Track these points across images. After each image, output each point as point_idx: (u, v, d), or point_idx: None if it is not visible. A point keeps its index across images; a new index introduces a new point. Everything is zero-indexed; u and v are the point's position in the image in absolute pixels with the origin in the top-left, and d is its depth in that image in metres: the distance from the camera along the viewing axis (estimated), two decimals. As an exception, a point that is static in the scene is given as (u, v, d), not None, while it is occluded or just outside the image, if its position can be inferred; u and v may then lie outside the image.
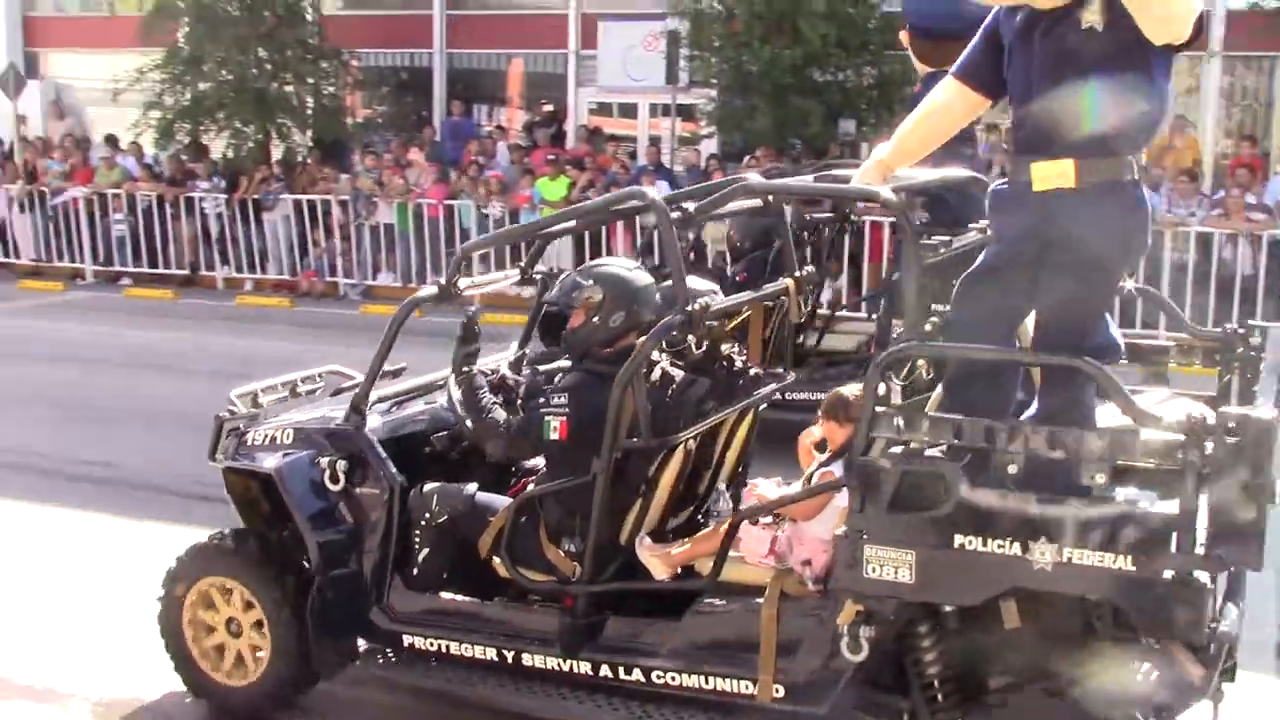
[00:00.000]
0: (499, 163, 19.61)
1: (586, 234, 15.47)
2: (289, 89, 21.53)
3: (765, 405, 5.98)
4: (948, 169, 6.10)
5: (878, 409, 4.41)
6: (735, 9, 18.36)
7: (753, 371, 5.83)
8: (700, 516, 5.91)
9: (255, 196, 19.41)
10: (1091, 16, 4.17)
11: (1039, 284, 4.48)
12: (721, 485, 5.96)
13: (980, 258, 4.72)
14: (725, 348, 5.83)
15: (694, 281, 5.64)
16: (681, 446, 5.37)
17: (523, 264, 6.50)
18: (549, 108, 22.36)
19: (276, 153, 21.51)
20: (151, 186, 20.05)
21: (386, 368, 6.46)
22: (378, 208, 18.66)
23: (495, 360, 6.41)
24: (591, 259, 6.94)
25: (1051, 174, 4.33)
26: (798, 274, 6.02)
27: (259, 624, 5.92)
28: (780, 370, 6.09)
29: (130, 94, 21.18)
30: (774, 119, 17.94)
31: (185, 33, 21.16)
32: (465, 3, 23.66)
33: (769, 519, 5.11)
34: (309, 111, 21.90)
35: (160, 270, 19.82)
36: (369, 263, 18.74)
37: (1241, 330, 5.53)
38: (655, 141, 20.95)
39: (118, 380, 13.34)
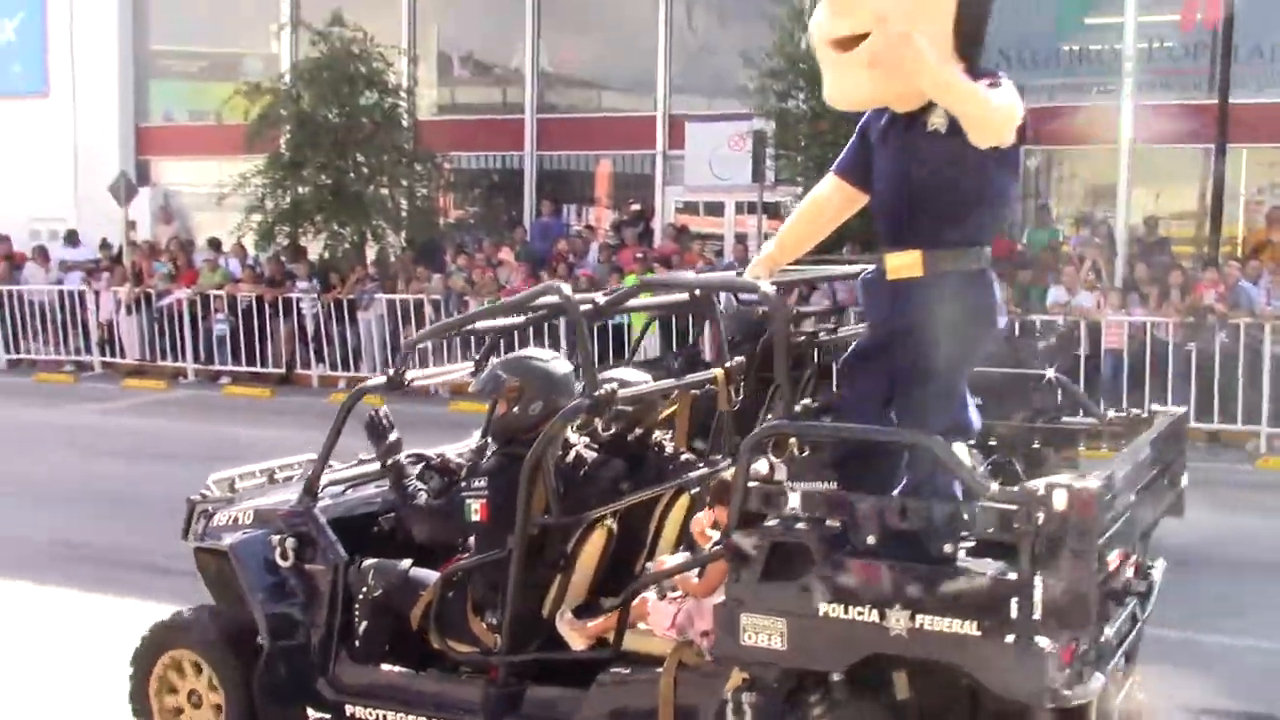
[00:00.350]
0: (589, 261, 19.93)
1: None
2: (384, 192, 22.15)
3: None
4: (836, 265, 6.51)
5: (750, 485, 4.60)
6: (820, 108, 18.52)
7: (683, 457, 6.07)
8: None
9: (350, 296, 19.94)
10: (936, 120, 4.45)
11: (898, 366, 4.68)
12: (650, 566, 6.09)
13: (855, 342, 4.99)
14: (658, 434, 6.14)
15: (628, 372, 6.09)
16: (602, 526, 5.64)
17: (478, 357, 6.81)
18: (636, 207, 22.75)
19: (371, 253, 22.10)
20: (251, 287, 20.70)
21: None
22: (469, 307, 19.01)
23: (453, 447, 6.70)
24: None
25: (902, 264, 4.60)
26: (728, 364, 6.20)
27: (218, 707, 6.18)
28: (717, 457, 6.23)
29: (233, 198, 21.89)
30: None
31: (287, 139, 21.95)
32: (555, 106, 24.19)
33: (678, 594, 5.27)
34: (403, 213, 22.51)
35: (258, 369, 20.39)
36: (459, 361, 19.03)
37: (1144, 415, 5.69)
38: (741, 239, 21.14)
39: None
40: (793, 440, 4.73)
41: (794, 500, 4.52)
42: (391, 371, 6.31)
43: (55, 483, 13.41)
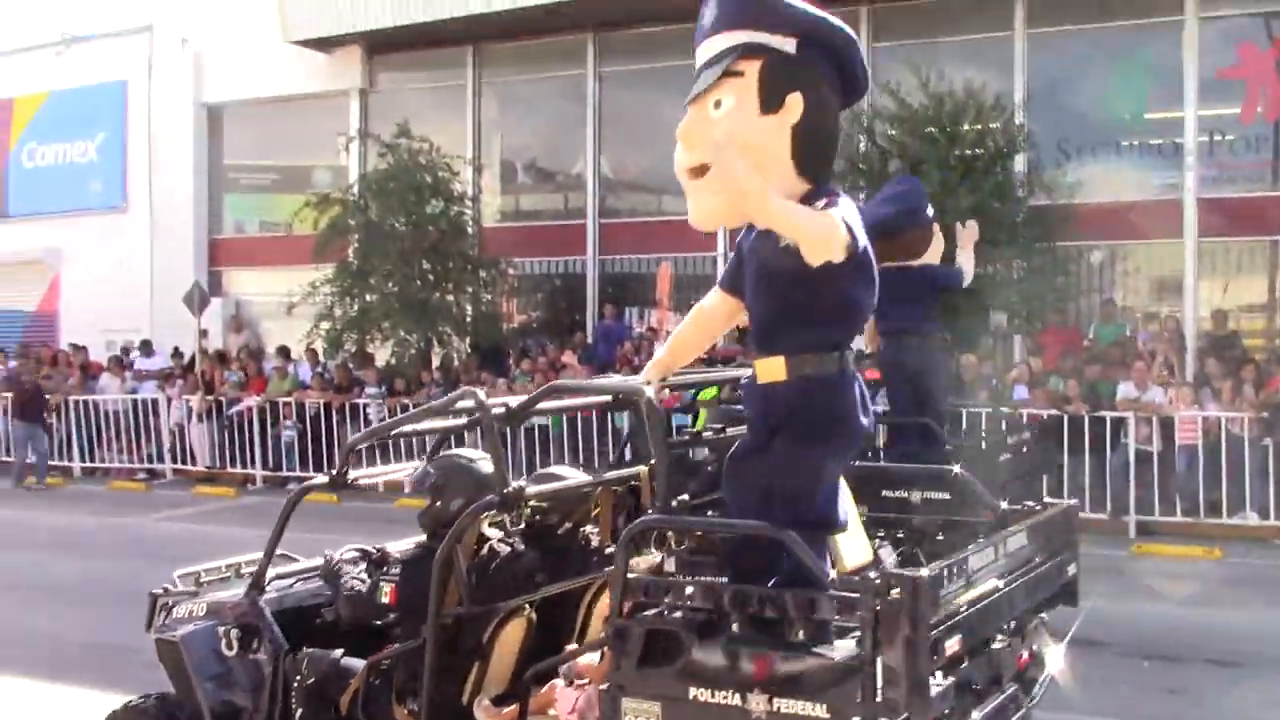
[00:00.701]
0: (653, 362, 19.94)
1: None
2: (450, 298, 22.49)
3: None
4: (731, 370, 6.85)
5: (628, 576, 4.76)
6: (878, 208, 18.49)
7: (607, 550, 6.13)
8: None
9: (416, 401, 20.11)
10: (786, 238, 4.56)
11: (770, 464, 4.82)
12: None
13: (737, 442, 5.11)
14: (585, 528, 6.32)
15: (562, 470, 6.45)
16: (520, 616, 5.80)
17: (425, 456, 6.98)
18: (698, 307, 22.70)
19: (436, 359, 22.38)
20: (320, 394, 21.01)
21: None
22: (533, 410, 19.06)
23: (399, 543, 6.81)
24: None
25: (769, 369, 4.77)
26: (652, 462, 6.25)
27: None
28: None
29: (302, 306, 22.32)
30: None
31: (355, 248, 22.37)
32: (617, 211, 24.41)
33: (585, 680, 5.36)
34: (468, 319, 22.82)
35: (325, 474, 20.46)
36: (524, 463, 19.13)
37: (1038, 507, 5.87)
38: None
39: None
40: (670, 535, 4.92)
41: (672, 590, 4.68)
42: (334, 471, 6.49)
43: (105, 587, 13.64)
